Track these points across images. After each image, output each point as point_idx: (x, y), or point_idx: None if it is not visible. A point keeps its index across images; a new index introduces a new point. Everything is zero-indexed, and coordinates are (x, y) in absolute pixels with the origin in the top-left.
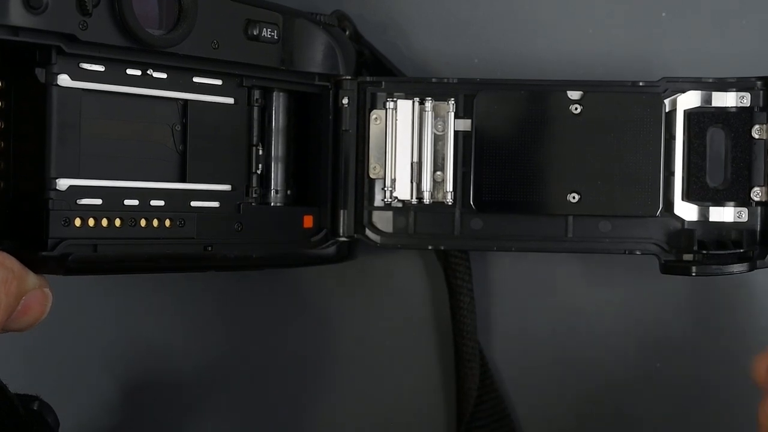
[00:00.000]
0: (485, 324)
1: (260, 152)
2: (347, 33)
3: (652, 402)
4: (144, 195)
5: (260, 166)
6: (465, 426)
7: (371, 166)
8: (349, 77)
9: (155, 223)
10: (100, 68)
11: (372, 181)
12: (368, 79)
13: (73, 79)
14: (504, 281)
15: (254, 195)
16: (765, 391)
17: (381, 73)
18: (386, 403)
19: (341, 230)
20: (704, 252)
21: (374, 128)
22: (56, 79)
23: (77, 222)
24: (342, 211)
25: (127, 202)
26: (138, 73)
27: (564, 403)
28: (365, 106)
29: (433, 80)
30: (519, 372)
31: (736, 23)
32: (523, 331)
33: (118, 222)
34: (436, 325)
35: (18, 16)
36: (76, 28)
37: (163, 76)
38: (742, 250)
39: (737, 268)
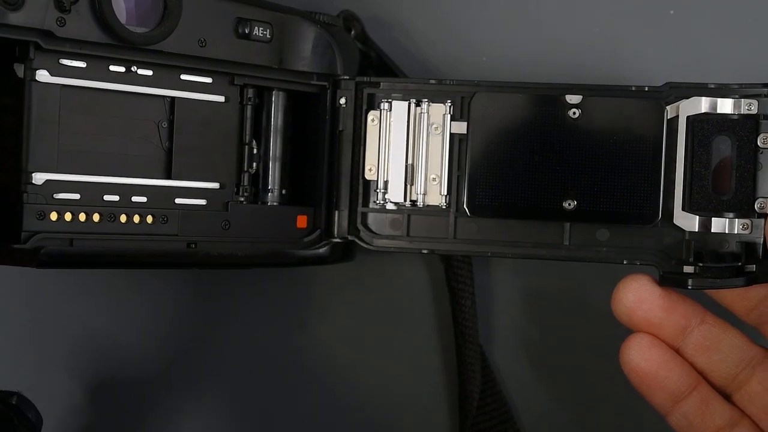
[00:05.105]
0: (487, 327)
1: (254, 151)
2: (353, 33)
3: None
4: (125, 191)
5: (253, 164)
6: (468, 429)
7: (367, 167)
8: (347, 77)
9: (136, 219)
10: (82, 64)
11: (368, 183)
12: (366, 79)
13: (52, 74)
14: (505, 284)
15: (245, 193)
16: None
17: (387, 75)
18: (389, 406)
19: (335, 231)
20: (701, 264)
21: (371, 129)
22: (35, 75)
23: (53, 216)
24: (336, 212)
25: (106, 197)
26: (121, 69)
27: (566, 406)
28: (362, 106)
29: (431, 81)
30: (521, 375)
31: (747, 25)
32: (525, 334)
33: (96, 217)
34: (438, 329)
35: None
36: (54, 24)
37: (149, 73)
38: (739, 264)
39: (734, 282)
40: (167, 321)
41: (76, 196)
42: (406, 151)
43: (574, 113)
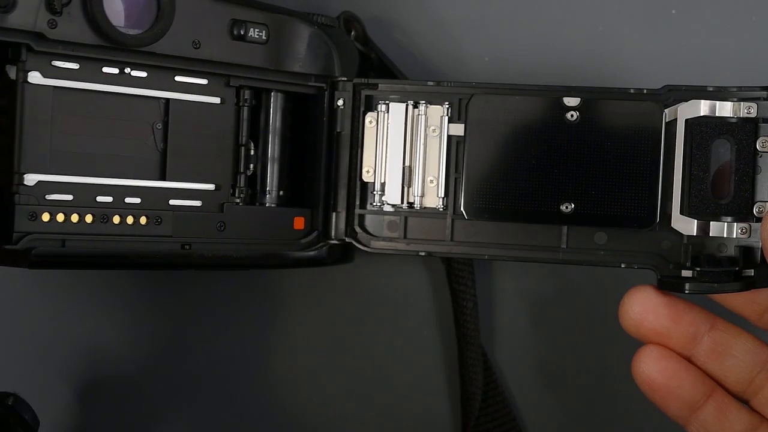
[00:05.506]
0: (489, 328)
1: (250, 152)
2: (353, 35)
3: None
4: (119, 192)
5: (250, 166)
6: (471, 431)
7: (365, 169)
8: (345, 79)
9: (129, 220)
10: (74, 66)
11: (365, 185)
12: (364, 81)
13: (44, 76)
14: (507, 286)
15: (241, 195)
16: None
17: (387, 76)
18: (391, 408)
19: (332, 233)
20: (698, 268)
21: (369, 131)
22: (27, 77)
23: (45, 217)
24: (333, 213)
25: (99, 198)
26: (115, 71)
27: (569, 407)
28: (360, 108)
29: (429, 83)
30: (523, 376)
31: (748, 26)
32: (527, 336)
33: (89, 218)
34: (440, 330)
35: None
36: (45, 26)
37: (143, 74)
38: (736, 268)
39: (731, 286)
40: (163, 322)
41: (69, 197)
42: (404, 153)
43: (573, 116)
